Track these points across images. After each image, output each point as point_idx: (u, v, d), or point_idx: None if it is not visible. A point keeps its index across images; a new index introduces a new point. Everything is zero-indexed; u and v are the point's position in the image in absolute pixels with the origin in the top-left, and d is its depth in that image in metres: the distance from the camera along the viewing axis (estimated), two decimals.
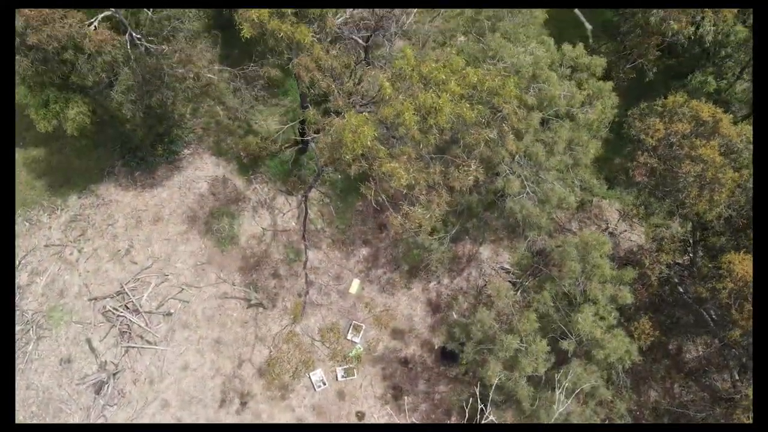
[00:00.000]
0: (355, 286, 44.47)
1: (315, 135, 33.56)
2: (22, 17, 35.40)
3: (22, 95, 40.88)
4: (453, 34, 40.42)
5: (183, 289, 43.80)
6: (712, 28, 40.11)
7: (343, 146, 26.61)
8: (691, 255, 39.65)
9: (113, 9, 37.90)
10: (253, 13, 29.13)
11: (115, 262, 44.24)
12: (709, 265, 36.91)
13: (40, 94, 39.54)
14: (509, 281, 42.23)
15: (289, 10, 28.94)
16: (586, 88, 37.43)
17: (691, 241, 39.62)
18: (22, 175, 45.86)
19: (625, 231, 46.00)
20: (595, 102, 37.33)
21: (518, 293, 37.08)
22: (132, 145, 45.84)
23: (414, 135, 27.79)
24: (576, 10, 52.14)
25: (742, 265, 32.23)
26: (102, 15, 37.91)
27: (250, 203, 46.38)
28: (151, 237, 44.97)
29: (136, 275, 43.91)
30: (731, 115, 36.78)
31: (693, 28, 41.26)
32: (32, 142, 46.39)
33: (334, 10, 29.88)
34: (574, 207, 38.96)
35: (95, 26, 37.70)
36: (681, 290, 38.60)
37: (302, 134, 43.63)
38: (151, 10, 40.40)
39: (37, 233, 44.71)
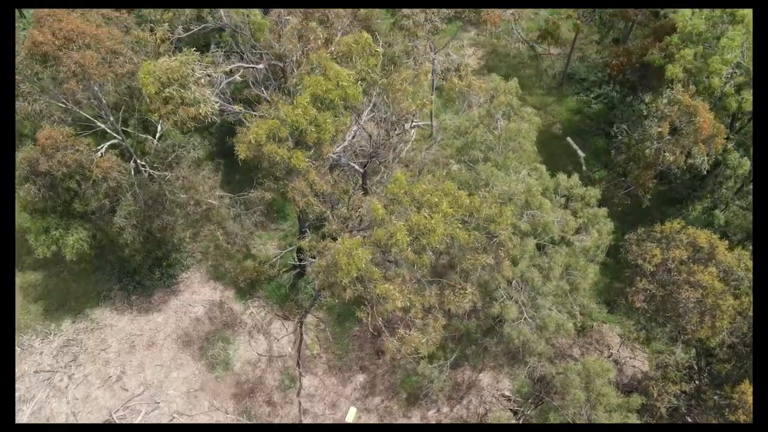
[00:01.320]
0: (351, 414, 42.95)
1: (312, 259, 33.63)
2: (38, 145, 36.67)
3: (24, 221, 41.42)
4: (447, 162, 41.47)
5: (174, 417, 42.31)
6: (705, 157, 40.98)
7: (338, 269, 26.56)
8: (697, 382, 38.57)
9: (119, 137, 39.24)
10: (251, 135, 29.84)
11: (105, 389, 43.04)
12: (717, 395, 35.81)
13: (42, 221, 40.14)
14: (510, 410, 40.85)
15: (285, 135, 29.62)
16: (581, 216, 37.85)
17: (696, 367, 38.67)
18: (18, 299, 45.63)
19: (629, 358, 45.00)
20: (590, 228, 37.62)
21: (520, 423, 35.75)
22: (130, 268, 45.94)
23: (407, 256, 27.81)
24: (568, 139, 53.82)
25: None
26: (108, 143, 39.20)
27: (246, 328, 45.75)
28: (143, 362, 44.03)
29: (126, 403, 42.57)
30: (727, 241, 36.93)
31: (684, 158, 42.22)
32: (31, 266, 46.52)
33: (331, 138, 30.67)
34: (573, 333, 38.30)
35: (102, 153, 38.91)
36: (689, 420, 37.21)
37: (300, 259, 43.76)
38: (157, 138, 41.84)
39: (28, 359, 43.82)
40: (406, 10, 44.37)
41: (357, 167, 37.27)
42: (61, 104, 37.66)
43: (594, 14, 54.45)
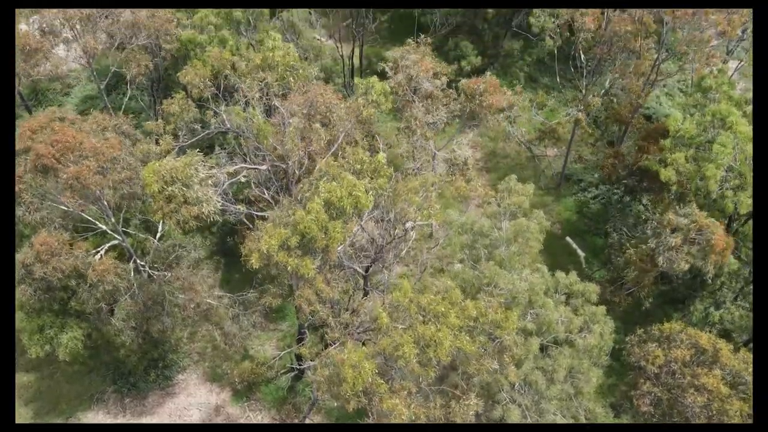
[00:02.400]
0: None
1: (311, 362, 33.04)
2: (33, 251, 36.54)
3: (19, 320, 40.88)
4: (450, 262, 41.40)
5: None
6: (712, 266, 40.98)
7: (343, 382, 26.04)
8: None
9: (120, 238, 39.32)
10: (264, 246, 29.78)
11: None
12: None
13: (37, 320, 39.58)
14: None
15: (295, 244, 29.68)
16: (582, 313, 37.58)
17: None
18: None
19: None
20: (593, 327, 37.24)
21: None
22: (125, 370, 44.95)
23: (413, 368, 27.31)
24: (567, 238, 54.16)
25: None
26: (109, 244, 39.24)
27: None
28: None
29: None
30: (731, 345, 36.52)
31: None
32: (23, 367, 45.49)
33: (338, 241, 30.81)
34: None
35: (101, 255, 38.84)
36: None
37: (299, 361, 42.96)
38: (158, 238, 41.89)
39: None
40: (409, 112, 45.70)
41: (358, 269, 37.20)
42: (63, 207, 37.90)
43: (589, 118, 55.96)
